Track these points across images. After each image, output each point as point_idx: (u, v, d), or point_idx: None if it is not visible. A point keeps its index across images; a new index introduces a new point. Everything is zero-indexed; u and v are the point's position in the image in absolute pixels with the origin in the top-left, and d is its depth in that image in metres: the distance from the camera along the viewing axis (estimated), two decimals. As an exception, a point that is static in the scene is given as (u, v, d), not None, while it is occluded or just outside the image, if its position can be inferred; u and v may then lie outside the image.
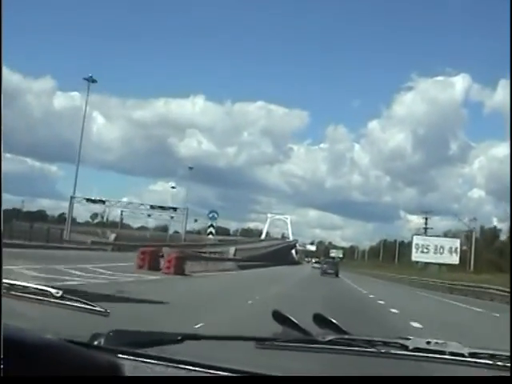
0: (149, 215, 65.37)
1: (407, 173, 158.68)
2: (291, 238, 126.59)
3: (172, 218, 71.86)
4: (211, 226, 33.19)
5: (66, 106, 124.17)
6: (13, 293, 1.42)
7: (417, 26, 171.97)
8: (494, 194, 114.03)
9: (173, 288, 14.72)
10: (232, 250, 48.07)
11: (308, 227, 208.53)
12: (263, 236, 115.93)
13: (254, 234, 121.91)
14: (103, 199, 58.39)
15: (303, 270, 60.88)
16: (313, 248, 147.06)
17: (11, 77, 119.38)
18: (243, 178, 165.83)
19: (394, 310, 13.74)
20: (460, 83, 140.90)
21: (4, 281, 1.39)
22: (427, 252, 70.35)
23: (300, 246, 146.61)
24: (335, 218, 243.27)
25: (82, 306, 1.45)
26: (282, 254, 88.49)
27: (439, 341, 1.32)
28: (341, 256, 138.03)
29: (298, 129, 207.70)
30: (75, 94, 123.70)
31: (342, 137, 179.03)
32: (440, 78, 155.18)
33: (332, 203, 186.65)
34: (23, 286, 1.45)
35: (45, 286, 1.47)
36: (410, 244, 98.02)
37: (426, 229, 73.99)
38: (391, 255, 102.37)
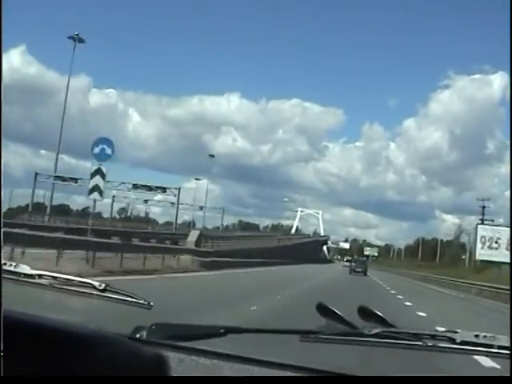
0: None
1: (443, 172, 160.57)
2: (322, 234, 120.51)
3: (201, 208, 67.99)
4: (97, 171, 17.92)
5: (102, 104, 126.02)
6: (56, 285, 1.40)
7: (454, 23, 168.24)
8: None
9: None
10: (194, 234, 31.29)
11: (342, 226, 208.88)
12: (293, 231, 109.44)
13: (285, 230, 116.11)
14: (76, 177, 49.19)
15: (333, 269, 54.55)
16: (346, 246, 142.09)
17: (46, 74, 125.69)
18: (277, 176, 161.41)
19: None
20: (498, 81, 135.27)
21: (47, 273, 1.39)
22: (497, 248, 49.42)
23: (333, 243, 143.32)
24: (370, 216, 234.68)
25: (125, 298, 1.41)
26: (309, 251, 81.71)
27: (488, 334, 1.26)
28: (376, 254, 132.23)
29: (333, 127, 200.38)
30: (110, 91, 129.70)
31: (378, 135, 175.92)
32: (477, 76, 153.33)
33: (367, 202, 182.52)
34: (66, 279, 1.42)
35: (88, 278, 1.43)
36: (449, 243, 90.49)
37: (482, 220, 61.31)
38: (431, 254, 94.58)
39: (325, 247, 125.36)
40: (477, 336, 1.24)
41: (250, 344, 1.37)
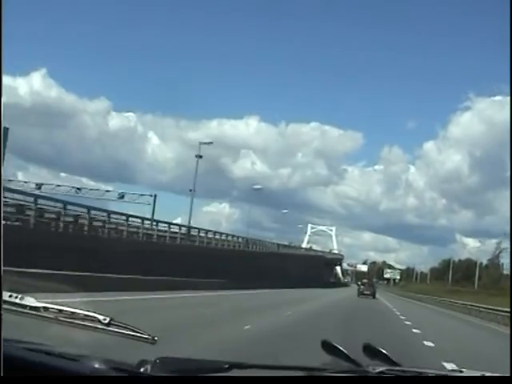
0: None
1: (463, 195, 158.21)
2: (336, 252, 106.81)
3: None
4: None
5: (121, 127, 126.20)
6: (61, 318, 1.42)
7: (474, 43, 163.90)
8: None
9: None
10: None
11: (361, 250, 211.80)
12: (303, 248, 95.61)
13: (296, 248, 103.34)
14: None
15: (346, 297, 40.84)
16: (364, 268, 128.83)
17: (67, 97, 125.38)
18: (297, 199, 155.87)
19: None
20: None
21: (53, 306, 1.41)
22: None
23: (350, 266, 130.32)
24: (389, 240, 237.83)
25: (129, 333, 1.43)
26: (314, 272, 67.86)
27: (494, 374, 1.28)
28: (398, 277, 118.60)
29: (352, 150, 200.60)
30: (130, 114, 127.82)
31: (397, 158, 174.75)
32: (498, 98, 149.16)
33: (386, 225, 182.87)
34: (71, 312, 1.44)
35: (93, 312, 1.44)
36: (482, 265, 76.16)
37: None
38: (463, 277, 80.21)
39: (338, 268, 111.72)
40: (484, 376, 1.24)
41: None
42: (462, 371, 1.26)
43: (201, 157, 41.55)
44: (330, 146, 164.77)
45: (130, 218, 28.05)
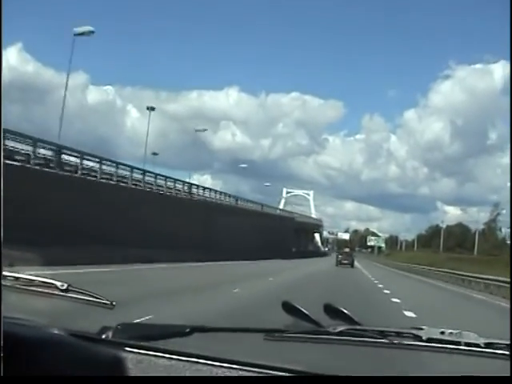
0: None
1: (445, 163, 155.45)
2: (314, 217, 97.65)
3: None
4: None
5: (100, 101, 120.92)
6: (18, 286, 1.41)
7: (454, 10, 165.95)
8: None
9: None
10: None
11: (344, 219, 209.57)
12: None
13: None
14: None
15: (313, 270, 31.45)
16: (346, 237, 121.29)
17: (44, 72, 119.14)
18: (278, 170, 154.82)
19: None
20: (499, 70, 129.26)
21: (9, 274, 1.39)
22: None
23: (331, 234, 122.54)
24: (372, 209, 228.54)
25: (88, 298, 1.42)
26: (289, 239, 57.72)
27: (454, 331, 1.28)
28: (382, 245, 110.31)
29: (333, 119, 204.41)
30: (108, 87, 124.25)
31: (378, 127, 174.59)
32: (479, 66, 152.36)
33: (368, 195, 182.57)
34: (28, 280, 1.43)
35: (50, 278, 1.42)
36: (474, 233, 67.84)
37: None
38: (455, 243, 71.38)
39: (317, 236, 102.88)
40: (443, 333, 1.25)
41: (215, 343, 1.32)
42: (422, 328, 1.27)
43: (153, 109, 37.41)
44: (311, 115, 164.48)
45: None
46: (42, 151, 23.18)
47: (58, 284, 1.37)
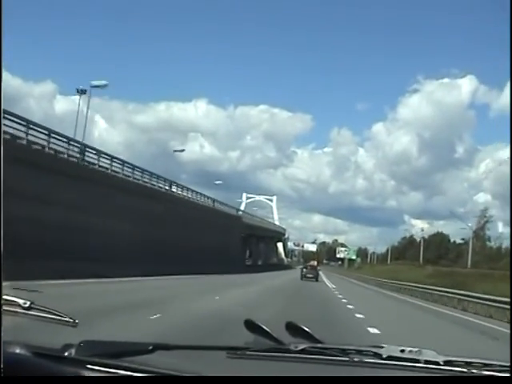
0: None
1: (412, 176, 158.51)
2: (277, 224, 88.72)
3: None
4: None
5: (67, 111, 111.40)
6: None
7: (422, 27, 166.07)
8: (500, 198, 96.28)
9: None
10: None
11: (311, 232, 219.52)
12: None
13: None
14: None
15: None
16: (312, 248, 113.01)
17: (11, 81, 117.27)
18: (247, 183, 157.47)
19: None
20: (466, 85, 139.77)
21: None
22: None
23: (296, 245, 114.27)
24: (339, 222, 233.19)
25: (51, 316, 1.41)
26: (229, 249, 48.20)
27: (414, 349, 1.30)
28: (353, 257, 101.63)
29: (301, 132, 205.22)
30: (76, 97, 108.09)
31: (346, 140, 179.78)
32: (446, 80, 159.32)
33: (336, 208, 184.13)
34: None
35: (12, 296, 1.40)
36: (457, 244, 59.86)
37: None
38: (437, 256, 62.72)
39: (280, 246, 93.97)
40: (402, 351, 1.28)
41: (178, 360, 1.34)
42: (382, 346, 1.28)
43: (84, 92, 34.51)
44: (280, 128, 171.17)
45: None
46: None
47: (21, 302, 1.36)
